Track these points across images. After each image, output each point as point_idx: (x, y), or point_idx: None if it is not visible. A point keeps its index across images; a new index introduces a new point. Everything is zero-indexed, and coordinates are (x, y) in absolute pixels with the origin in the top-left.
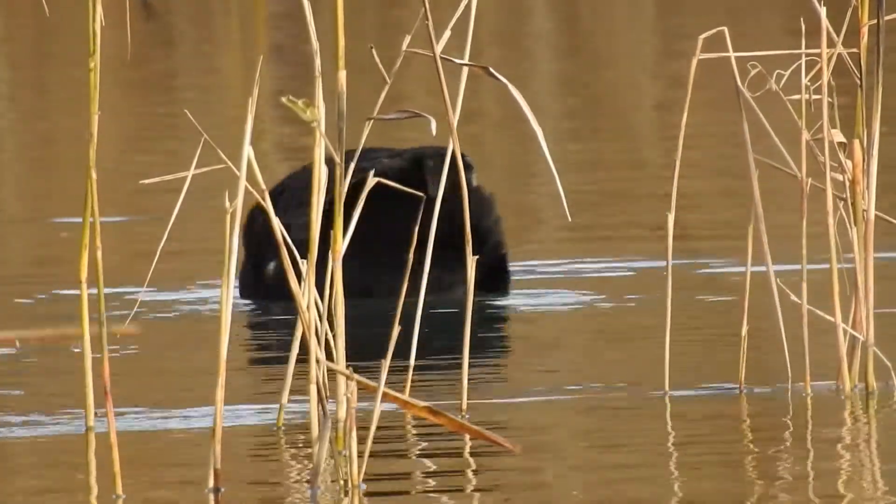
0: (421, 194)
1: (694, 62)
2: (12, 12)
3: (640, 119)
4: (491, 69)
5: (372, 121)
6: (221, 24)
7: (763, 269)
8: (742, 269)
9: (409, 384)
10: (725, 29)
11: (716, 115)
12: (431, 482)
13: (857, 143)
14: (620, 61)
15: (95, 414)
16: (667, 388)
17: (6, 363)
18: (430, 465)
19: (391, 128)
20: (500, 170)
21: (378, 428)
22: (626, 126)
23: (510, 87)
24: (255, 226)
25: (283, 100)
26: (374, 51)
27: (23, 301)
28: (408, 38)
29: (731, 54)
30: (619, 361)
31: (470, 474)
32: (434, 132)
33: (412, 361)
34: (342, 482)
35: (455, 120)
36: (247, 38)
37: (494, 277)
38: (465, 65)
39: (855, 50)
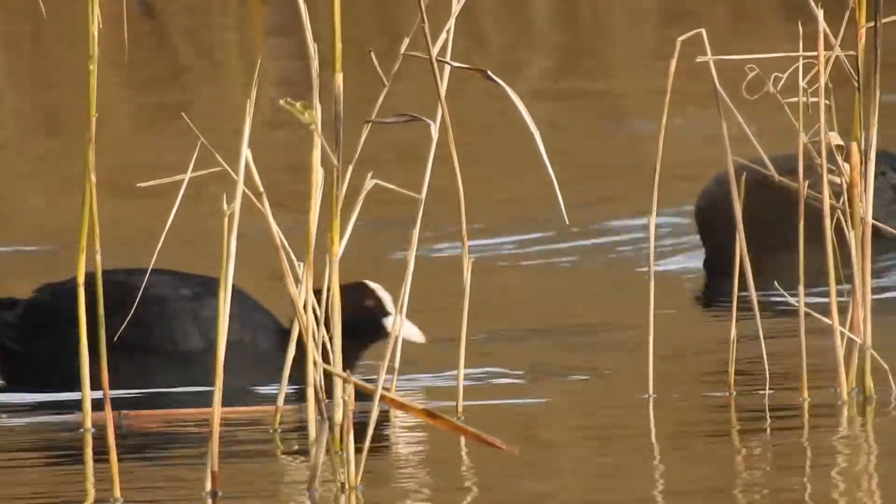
0: (418, 196)
1: (672, 64)
2: (9, 13)
3: (644, 119)
4: (489, 72)
5: (370, 124)
6: (220, 24)
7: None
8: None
9: (393, 386)
10: (703, 31)
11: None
12: (428, 484)
13: (854, 145)
14: (620, 57)
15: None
16: (651, 391)
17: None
18: (426, 467)
19: (390, 130)
20: (497, 169)
21: (375, 430)
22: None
23: (508, 90)
24: None
25: (282, 102)
26: (372, 54)
27: None
28: (406, 41)
29: (710, 57)
30: (617, 360)
31: (466, 476)
32: (435, 135)
33: (397, 364)
34: (339, 484)
35: (438, 123)
36: (246, 37)
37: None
38: (463, 68)
39: (853, 52)
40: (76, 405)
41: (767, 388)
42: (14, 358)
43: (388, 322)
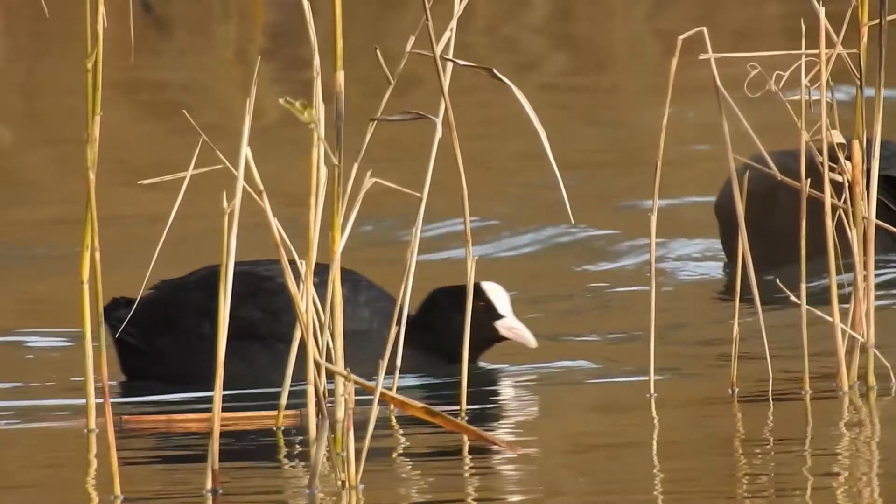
0: (418, 193)
1: (674, 63)
2: (10, 12)
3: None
4: (494, 70)
5: (375, 122)
6: (220, 23)
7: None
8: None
9: (395, 384)
10: (705, 29)
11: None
12: (429, 484)
13: (856, 143)
14: (618, 56)
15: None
16: (652, 390)
17: (6, 362)
18: (427, 466)
19: (395, 128)
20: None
21: (375, 429)
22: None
23: (513, 88)
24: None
25: (281, 101)
26: (378, 52)
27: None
28: (412, 40)
29: (712, 55)
30: (619, 356)
31: (467, 476)
32: (439, 133)
33: (398, 362)
34: (340, 483)
35: (440, 122)
36: (245, 37)
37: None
38: (469, 66)
39: (855, 51)
40: (78, 407)
41: (771, 383)
42: (136, 355)
43: (499, 325)
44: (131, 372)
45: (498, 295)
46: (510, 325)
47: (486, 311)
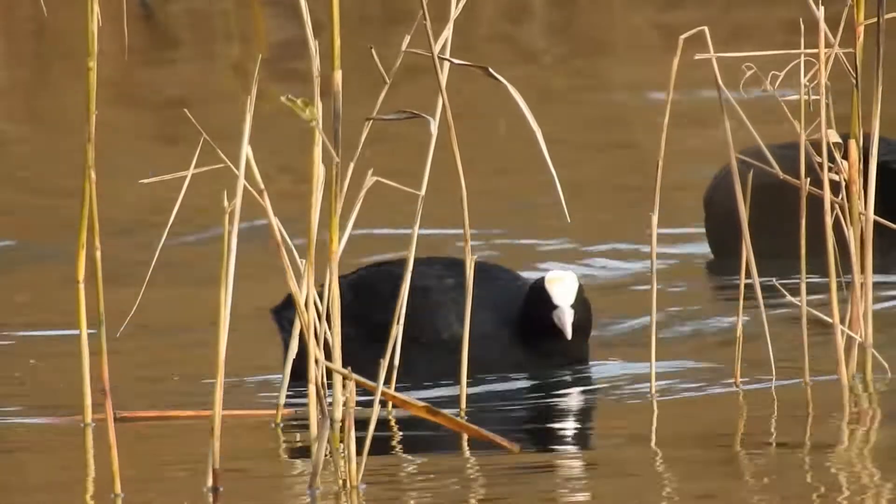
0: (417, 193)
1: (675, 62)
2: (10, 12)
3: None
4: (490, 69)
5: (371, 121)
6: (219, 22)
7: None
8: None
9: (393, 382)
10: (706, 28)
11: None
12: (430, 483)
13: (853, 143)
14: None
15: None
16: (652, 389)
17: (6, 363)
18: (428, 465)
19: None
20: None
21: (376, 428)
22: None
23: (509, 87)
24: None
25: (283, 99)
26: (373, 51)
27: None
28: (407, 38)
29: (713, 55)
30: (619, 356)
31: (468, 475)
32: (434, 132)
33: (396, 361)
34: (341, 482)
35: (436, 122)
36: (245, 35)
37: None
38: (465, 65)
39: (852, 50)
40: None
41: (774, 381)
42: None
43: (556, 316)
44: (294, 372)
45: (556, 284)
46: (559, 314)
47: (548, 300)
